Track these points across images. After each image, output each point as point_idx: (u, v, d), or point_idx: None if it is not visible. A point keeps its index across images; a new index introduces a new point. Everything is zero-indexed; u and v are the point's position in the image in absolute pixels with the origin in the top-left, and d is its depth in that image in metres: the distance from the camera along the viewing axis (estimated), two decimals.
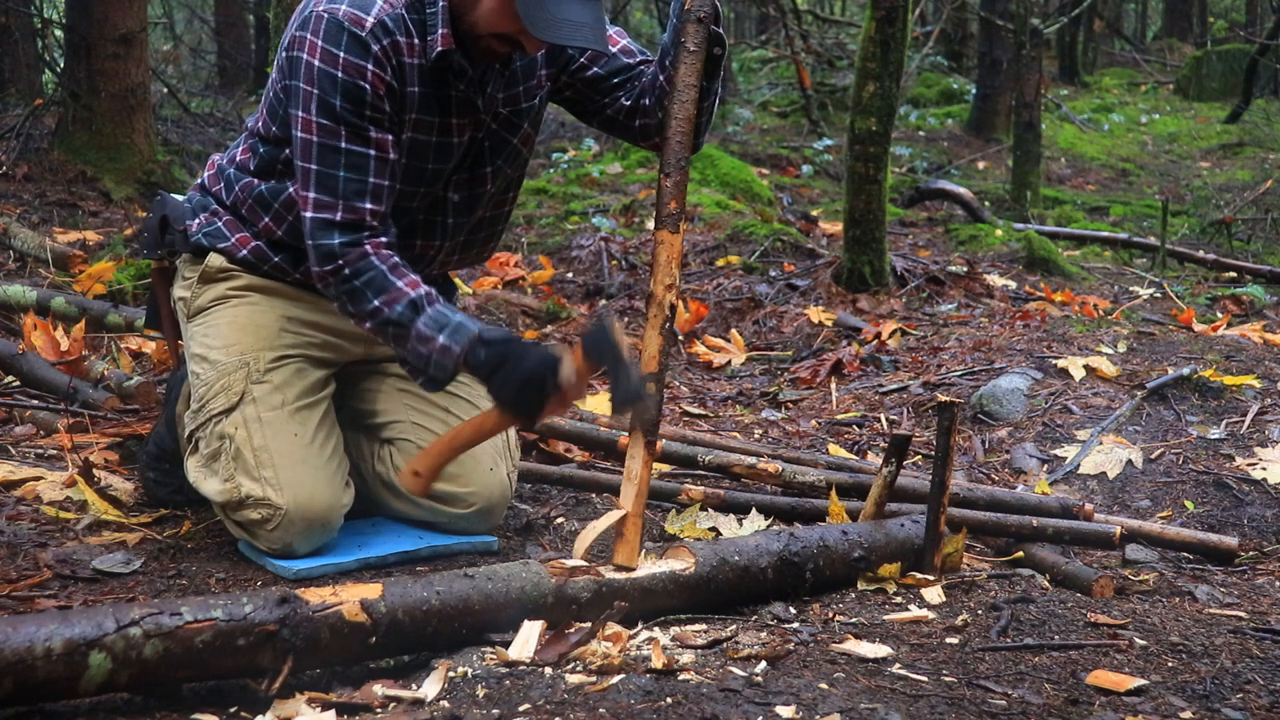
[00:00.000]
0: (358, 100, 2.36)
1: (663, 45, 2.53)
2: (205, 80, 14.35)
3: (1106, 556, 2.86)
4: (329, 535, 2.56)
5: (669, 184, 2.35)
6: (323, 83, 2.35)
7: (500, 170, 2.65)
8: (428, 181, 2.54)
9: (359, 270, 2.36)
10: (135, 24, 6.65)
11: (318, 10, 2.38)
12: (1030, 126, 8.12)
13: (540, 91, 2.63)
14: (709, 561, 2.23)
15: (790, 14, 11.26)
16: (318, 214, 2.38)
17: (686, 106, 2.36)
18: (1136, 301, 5.48)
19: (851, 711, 1.71)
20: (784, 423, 3.84)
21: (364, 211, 2.38)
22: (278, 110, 2.50)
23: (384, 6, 2.37)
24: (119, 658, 1.72)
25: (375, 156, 2.39)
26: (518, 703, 1.73)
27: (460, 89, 2.48)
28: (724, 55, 2.51)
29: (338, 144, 2.37)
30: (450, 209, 2.62)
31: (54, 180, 6.61)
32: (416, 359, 2.36)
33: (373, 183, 2.39)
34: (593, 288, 5.72)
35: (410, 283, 2.36)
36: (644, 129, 2.64)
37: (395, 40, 2.37)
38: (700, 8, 2.38)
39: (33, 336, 3.80)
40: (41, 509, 2.72)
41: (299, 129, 2.39)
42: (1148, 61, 17.49)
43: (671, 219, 2.33)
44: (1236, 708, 1.85)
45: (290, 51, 2.42)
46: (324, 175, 2.37)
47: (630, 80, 2.63)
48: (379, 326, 2.38)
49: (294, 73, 2.40)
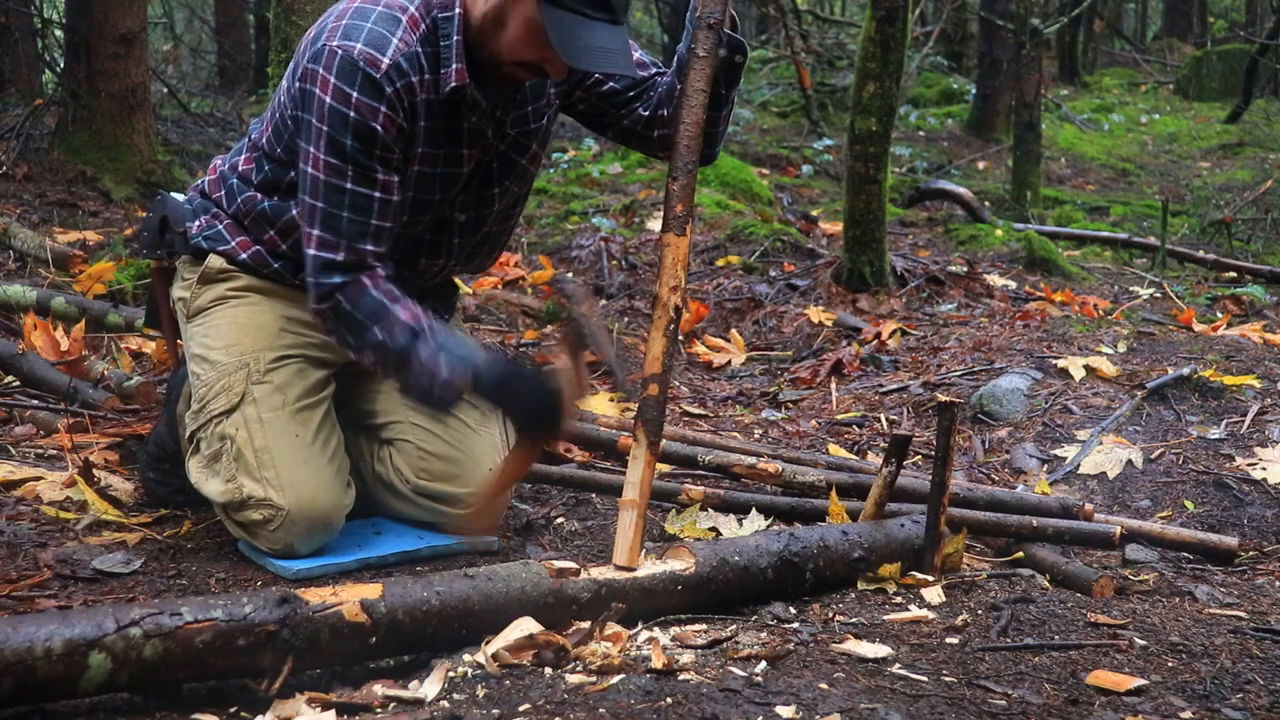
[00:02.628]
0: (368, 140, 2.33)
1: (679, 54, 2.53)
2: (205, 80, 14.34)
3: (1106, 556, 2.86)
4: (330, 536, 2.56)
5: (676, 187, 2.35)
6: (333, 120, 2.32)
7: (508, 190, 2.64)
8: (434, 209, 2.54)
9: (357, 302, 2.35)
10: (135, 24, 6.65)
11: (331, 45, 2.33)
12: (1030, 126, 8.12)
13: (549, 111, 2.61)
14: (709, 562, 2.23)
15: (790, 14, 11.26)
16: (320, 252, 2.36)
17: (695, 111, 2.36)
18: (1136, 301, 5.48)
19: (851, 711, 1.71)
20: (784, 423, 3.84)
21: (365, 253, 2.37)
22: (283, 133, 2.48)
23: (399, 45, 2.34)
24: (119, 658, 1.72)
25: (379, 199, 2.37)
26: (518, 703, 1.73)
27: (473, 121, 2.47)
28: (745, 62, 2.52)
29: (344, 184, 2.35)
30: (457, 229, 2.62)
31: (54, 180, 6.61)
32: (419, 389, 2.34)
33: (374, 224, 2.38)
34: (593, 288, 5.72)
35: (410, 314, 2.34)
36: (662, 139, 2.62)
37: (409, 82, 2.35)
38: (710, 14, 2.37)
39: (33, 336, 3.80)
40: (41, 509, 2.72)
41: (307, 164, 2.37)
42: (1148, 61, 17.49)
43: (678, 222, 2.34)
44: (1236, 708, 1.85)
45: (303, 83, 2.38)
46: (328, 215, 2.35)
47: (645, 92, 2.62)
48: (380, 357, 2.36)
49: (305, 106, 2.37)
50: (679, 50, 2.52)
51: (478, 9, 2.37)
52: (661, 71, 2.64)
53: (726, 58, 2.44)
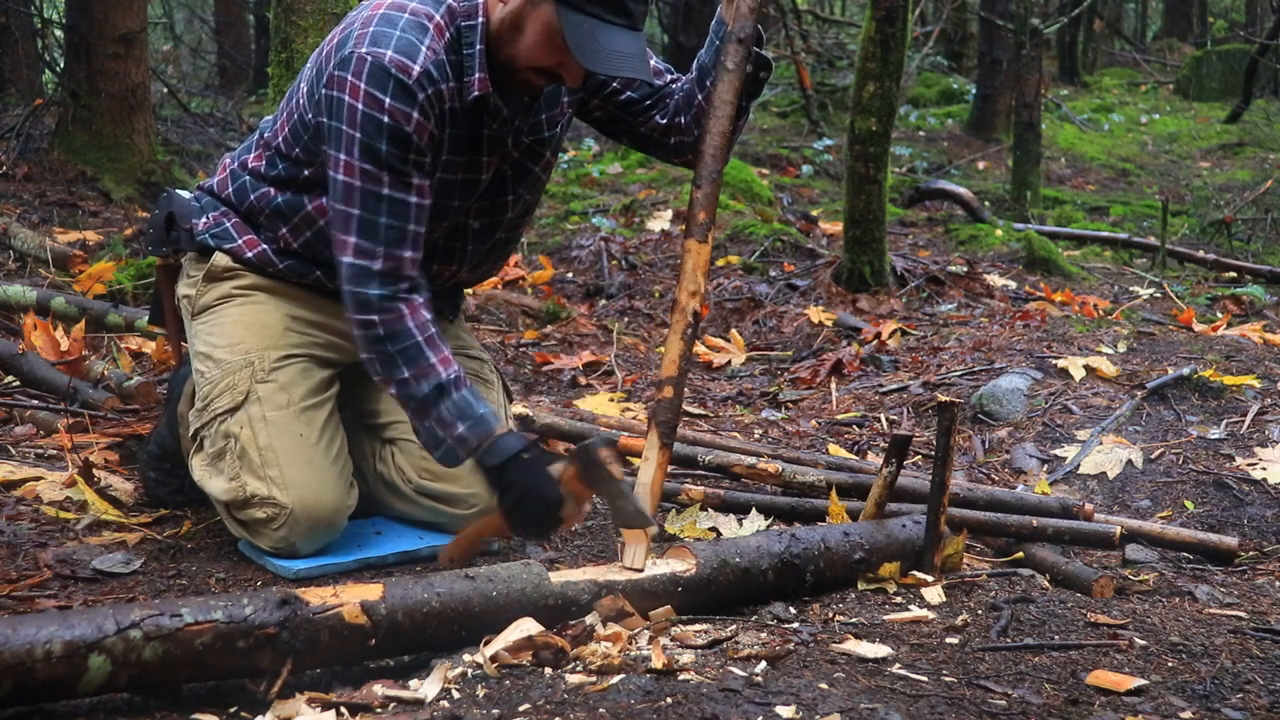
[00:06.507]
0: (404, 145, 2.33)
1: (701, 63, 2.55)
2: (205, 80, 14.33)
3: (1106, 556, 2.86)
4: (333, 536, 2.56)
5: (700, 195, 2.40)
6: (367, 127, 2.31)
7: (521, 197, 2.65)
8: (451, 215, 2.54)
9: (393, 335, 2.33)
10: (135, 24, 6.65)
11: (360, 52, 2.32)
12: (1030, 126, 8.12)
13: (562, 119, 2.62)
14: (710, 563, 2.23)
15: (790, 14, 11.25)
16: (357, 260, 2.34)
17: (722, 122, 2.41)
18: (1136, 301, 5.48)
19: (851, 711, 1.71)
20: (784, 423, 3.84)
21: (403, 260, 2.35)
22: (302, 135, 2.47)
23: (428, 53, 2.33)
24: (119, 660, 1.72)
25: (415, 203, 2.37)
26: (518, 703, 1.73)
27: (493, 128, 2.47)
28: (768, 78, 2.57)
29: (380, 190, 2.34)
30: (470, 236, 2.62)
31: (54, 180, 6.61)
32: (431, 437, 2.36)
33: (412, 230, 2.37)
34: (593, 288, 5.72)
35: (442, 359, 2.34)
36: (679, 146, 2.63)
37: (439, 89, 2.35)
38: (742, 29, 2.42)
39: (33, 336, 3.80)
40: (41, 509, 2.72)
41: (339, 171, 2.35)
42: (1148, 61, 17.49)
43: (701, 228, 2.39)
44: (1236, 708, 1.85)
45: (330, 90, 2.36)
46: (366, 221, 2.34)
47: (662, 100, 2.63)
48: (402, 396, 2.36)
49: (334, 113, 2.35)
50: (700, 58, 2.55)
51: (496, 15, 2.37)
52: (676, 78, 2.65)
53: (751, 73, 2.48)
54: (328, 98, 2.37)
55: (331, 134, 2.36)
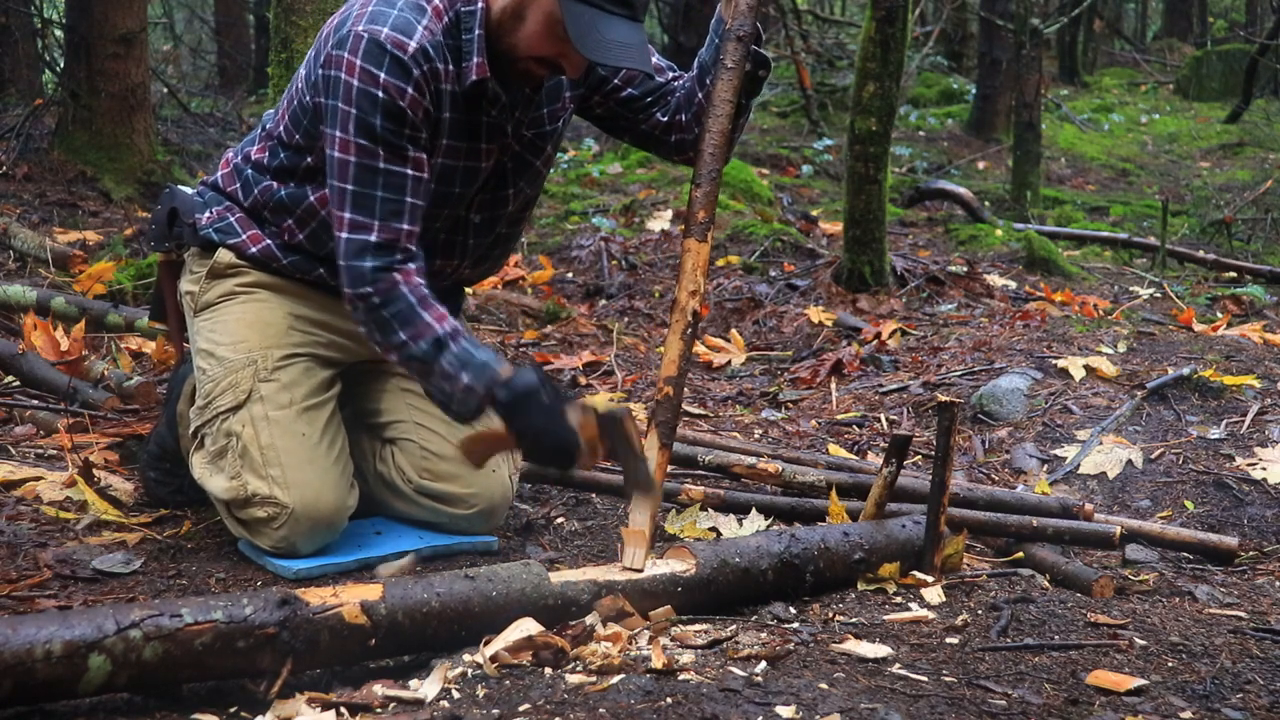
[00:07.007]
0: (398, 120, 2.33)
1: (701, 62, 2.55)
2: (205, 80, 14.33)
3: (1106, 556, 2.86)
4: (333, 536, 2.56)
5: (699, 194, 2.40)
6: (362, 103, 2.32)
7: (521, 190, 2.65)
8: (452, 204, 2.54)
9: (388, 300, 2.33)
10: (135, 24, 6.65)
11: (357, 30, 2.34)
12: (1030, 126, 8.12)
13: (564, 114, 2.63)
14: (710, 564, 2.23)
15: (790, 14, 11.25)
16: (353, 235, 2.34)
17: (721, 120, 2.42)
18: (1136, 301, 5.48)
19: (851, 711, 1.71)
20: (784, 423, 3.84)
21: (400, 232, 2.35)
22: (301, 119, 2.48)
23: (425, 33, 2.34)
24: (119, 660, 1.72)
25: (412, 176, 2.37)
26: (518, 703, 1.73)
27: (492, 115, 2.48)
28: (767, 76, 2.57)
29: (376, 164, 2.34)
30: (471, 230, 2.63)
31: (54, 180, 6.61)
32: (441, 394, 2.34)
33: (409, 202, 2.37)
34: (593, 288, 5.72)
35: (437, 315, 2.33)
36: (680, 144, 2.64)
37: (435, 67, 2.36)
38: (740, 27, 2.42)
39: (33, 336, 3.80)
40: (41, 509, 2.72)
41: (335, 149, 2.36)
42: (1148, 61, 17.49)
43: (700, 228, 2.39)
44: (1236, 708, 1.85)
45: (326, 69, 2.38)
46: (361, 195, 2.34)
47: (663, 97, 2.63)
48: (404, 359, 2.35)
49: (330, 91, 2.36)
50: (701, 57, 2.55)
51: (498, 3, 2.38)
52: (678, 76, 2.65)
53: (750, 71, 2.49)
54: (325, 77, 2.38)
55: (328, 112, 2.38)
